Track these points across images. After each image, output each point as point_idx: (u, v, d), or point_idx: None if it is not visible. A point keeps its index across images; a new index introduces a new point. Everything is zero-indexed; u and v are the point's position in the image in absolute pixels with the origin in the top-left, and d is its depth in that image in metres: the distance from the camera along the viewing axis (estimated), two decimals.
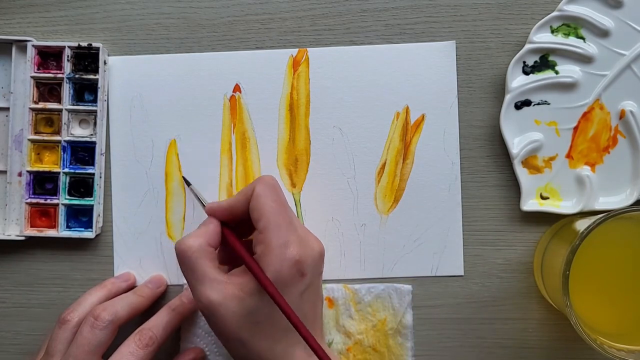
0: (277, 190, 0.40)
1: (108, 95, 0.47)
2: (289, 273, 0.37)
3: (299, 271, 0.37)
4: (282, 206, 0.39)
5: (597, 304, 0.42)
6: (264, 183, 0.39)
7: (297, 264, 0.37)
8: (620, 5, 0.45)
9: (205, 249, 0.39)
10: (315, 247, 0.39)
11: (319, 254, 0.39)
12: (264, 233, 0.37)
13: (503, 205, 0.47)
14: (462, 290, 0.47)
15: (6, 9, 0.47)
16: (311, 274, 0.38)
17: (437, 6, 0.47)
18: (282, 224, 0.38)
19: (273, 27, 0.47)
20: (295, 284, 0.37)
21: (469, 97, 0.47)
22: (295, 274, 0.37)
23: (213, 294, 0.37)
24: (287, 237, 0.37)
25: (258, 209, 0.38)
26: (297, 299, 0.37)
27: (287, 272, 0.37)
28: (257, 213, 0.38)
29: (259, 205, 0.38)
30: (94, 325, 0.40)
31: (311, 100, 0.47)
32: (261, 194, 0.38)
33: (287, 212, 0.39)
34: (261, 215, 0.38)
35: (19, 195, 0.46)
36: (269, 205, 0.38)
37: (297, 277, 0.37)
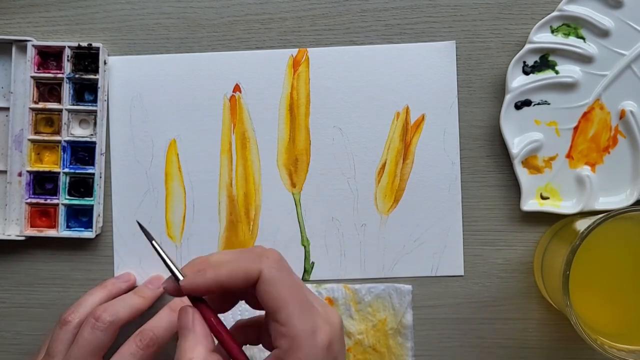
0: (288, 267, 0.34)
1: (108, 95, 0.47)
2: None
3: (330, 355, 0.33)
4: (299, 287, 0.33)
5: (597, 304, 0.42)
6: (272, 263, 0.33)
7: (330, 347, 0.33)
8: (620, 5, 0.45)
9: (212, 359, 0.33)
10: (336, 320, 0.34)
11: (340, 327, 0.35)
12: (286, 325, 0.32)
13: (503, 205, 0.47)
14: (462, 290, 0.47)
15: (6, 9, 0.47)
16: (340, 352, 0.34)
17: (437, 6, 0.47)
18: (305, 310, 0.33)
19: (273, 27, 0.47)
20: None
21: (469, 97, 0.47)
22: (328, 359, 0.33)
23: None
24: (313, 324, 0.33)
25: (274, 298, 0.32)
26: None
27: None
28: (274, 303, 0.32)
29: (274, 294, 0.32)
30: (94, 326, 0.40)
31: (311, 100, 0.47)
32: (275, 279, 0.33)
33: (304, 292, 0.34)
34: (280, 307, 0.32)
35: (19, 195, 0.46)
36: (287, 293, 0.33)
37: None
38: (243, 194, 0.47)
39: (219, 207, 0.47)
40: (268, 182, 0.47)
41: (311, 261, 0.47)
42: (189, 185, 0.47)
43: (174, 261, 0.35)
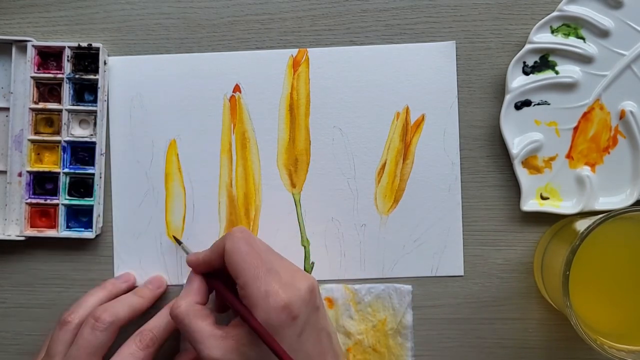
0: (249, 240, 0.39)
1: (108, 96, 0.47)
2: (278, 320, 0.36)
3: (289, 315, 0.37)
4: (256, 256, 0.38)
5: (597, 304, 0.42)
6: (233, 238, 0.39)
7: (285, 308, 0.37)
8: (620, 5, 0.45)
9: (194, 308, 0.39)
10: (302, 285, 0.38)
11: (307, 290, 0.38)
12: (244, 289, 0.37)
13: (503, 205, 0.47)
14: (462, 290, 0.47)
15: (6, 9, 0.47)
16: (304, 314, 0.37)
17: (437, 6, 0.47)
18: (260, 274, 0.37)
19: (273, 27, 0.47)
20: (288, 329, 0.37)
21: (469, 97, 0.47)
22: (285, 319, 0.36)
23: (213, 351, 0.37)
24: (267, 287, 0.37)
25: (233, 265, 0.38)
26: (295, 341, 0.37)
27: (276, 320, 0.36)
28: (233, 270, 0.38)
29: (233, 262, 0.38)
30: (94, 326, 0.40)
31: (311, 100, 0.47)
32: (233, 250, 0.39)
33: (263, 261, 0.38)
34: (237, 272, 0.38)
35: (19, 195, 0.46)
36: (242, 259, 0.38)
37: (288, 321, 0.37)
38: (243, 194, 0.47)
39: (219, 207, 0.47)
40: (268, 182, 0.47)
41: (311, 261, 0.47)
42: (189, 185, 0.47)
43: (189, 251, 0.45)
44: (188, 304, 0.39)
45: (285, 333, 0.37)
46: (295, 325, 0.37)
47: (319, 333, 0.39)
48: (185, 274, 0.47)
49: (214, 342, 0.37)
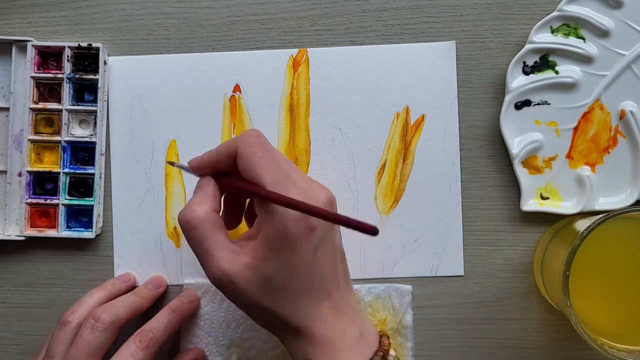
0: (264, 144, 0.37)
1: (108, 96, 0.47)
2: (296, 230, 0.35)
3: (306, 226, 0.35)
4: (273, 162, 0.36)
5: (597, 304, 0.42)
6: (247, 141, 0.36)
7: (303, 218, 0.35)
8: (620, 5, 0.45)
9: (212, 217, 0.36)
10: (321, 196, 0.36)
11: (326, 202, 0.37)
12: None
13: (503, 205, 0.47)
14: (462, 290, 0.47)
15: (6, 9, 0.47)
16: (322, 227, 0.36)
17: (437, 6, 0.47)
18: (278, 181, 0.35)
19: (273, 27, 0.47)
20: (306, 240, 0.35)
21: (469, 97, 0.47)
22: (302, 229, 0.35)
23: (227, 265, 0.35)
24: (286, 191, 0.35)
25: (248, 170, 0.36)
26: (310, 255, 0.35)
27: (293, 229, 0.35)
28: (249, 175, 0.36)
29: (247, 166, 0.36)
30: (94, 326, 0.40)
31: (311, 100, 0.47)
32: (247, 154, 0.36)
33: (281, 167, 0.36)
34: (254, 177, 0.35)
35: (19, 195, 0.46)
36: (259, 165, 0.35)
37: (306, 232, 0.35)
38: None
39: None
40: None
41: None
42: (189, 186, 0.47)
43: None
44: (205, 211, 0.36)
45: (302, 245, 0.35)
46: (312, 237, 0.35)
47: (334, 251, 0.38)
48: (185, 274, 0.47)
49: (228, 255, 0.35)
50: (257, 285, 0.35)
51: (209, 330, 0.46)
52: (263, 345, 0.46)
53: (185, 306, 0.44)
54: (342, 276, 0.39)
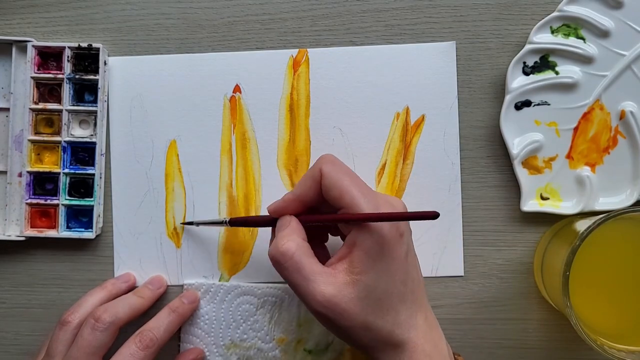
0: (343, 164, 0.39)
1: (108, 96, 0.47)
2: (391, 234, 0.36)
3: (397, 231, 0.36)
4: (356, 177, 0.38)
5: (597, 304, 0.42)
6: (329, 162, 0.38)
7: (394, 224, 0.36)
8: (620, 5, 0.45)
9: (304, 246, 0.37)
10: (399, 204, 0.38)
11: (404, 208, 0.39)
12: (352, 207, 0.36)
13: (503, 205, 0.47)
14: (462, 290, 0.47)
15: (6, 9, 0.47)
16: (407, 232, 0.38)
17: (437, 7, 0.47)
18: (365, 192, 0.37)
19: (273, 28, 0.47)
20: (399, 245, 0.37)
21: (469, 98, 0.47)
22: (395, 234, 0.36)
23: (327, 288, 0.36)
24: (375, 202, 0.37)
25: (336, 186, 0.37)
26: (404, 261, 0.37)
27: (389, 234, 0.36)
28: (336, 190, 0.37)
29: (335, 182, 0.37)
30: (94, 327, 0.40)
31: (311, 100, 0.47)
32: (332, 171, 0.38)
33: (363, 181, 0.39)
34: (342, 191, 0.37)
35: (19, 195, 0.46)
36: (345, 180, 0.37)
37: (397, 237, 0.36)
38: (243, 194, 0.47)
39: (219, 207, 0.47)
40: (268, 182, 0.47)
41: None
42: (189, 186, 0.47)
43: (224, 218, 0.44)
44: (297, 241, 0.37)
45: (397, 251, 0.36)
46: (403, 243, 0.37)
47: (416, 259, 0.39)
48: (185, 274, 0.47)
49: (325, 278, 0.36)
50: (360, 300, 0.36)
51: (208, 330, 0.46)
52: (263, 345, 0.46)
53: (185, 306, 0.44)
54: (423, 283, 0.40)
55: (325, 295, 0.35)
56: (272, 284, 0.47)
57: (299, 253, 0.37)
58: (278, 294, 0.46)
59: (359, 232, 0.36)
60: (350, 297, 0.36)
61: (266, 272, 0.47)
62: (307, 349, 0.47)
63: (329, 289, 0.36)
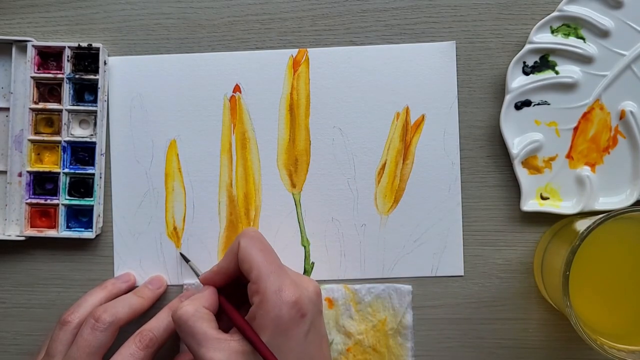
0: (262, 240, 0.41)
1: (108, 96, 0.47)
2: (289, 315, 0.37)
3: (298, 312, 0.37)
4: (270, 254, 0.40)
5: (597, 304, 0.42)
6: (247, 236, 0.40)
7: (296, 304, 0.37)
8: (620, 5, 0.45)
9: (202, 311, 0.39)
10: (310, 286, 0.39)
11: (315, 292, 0.39)
12: (257, 283, 0.38)
13: (503, 205, 0.47)
14: (462, 290, 0.47)
15: (6, 9, 0.47)
16: (311, 313, 0.38)
17: (437, 6, 0.47)
18: (273, 271, 0.38)
19: (273, 27, 0.47)
20: (298, 326, 0.37)
21: (469, 98, 0.47)
22: (295, 315, 0.37)
23: (216, 353, 0.37)
24: (280, 282, 0.38)
25: (247, 260, 0.39)
26: (302, 341, 0.37)
27: (287, 315, 0.37)
28: (247, 264, 0.39)
29: (247, 256, 0.39)
30: (94, 326, 0.40)
31: (311, 100, 0.47)
32: (247, 246, 0.39)
33: (276, 259, 0.40)
34: (251, 266, 0.38)
35: (19, 195, 0.46)
36: (257, 255, 0.39)
37: (297, 318, 0.37)
38: (243, 194, 0.47)
39: (219, 207, 0.47)
40: (268, 182, 0.47)
41: (311, 261, 0.47)
42: (189, 185, 0.47)
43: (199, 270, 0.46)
44: (195, 306, 0.39)
45: (295, 331, 0.37)
46: (304, 323, 0.37)
47: (321, 338, 0.40)
48: (184, 274, 0.47)
49: (217, 344, 0.37)
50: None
51: None
52: None
53: None
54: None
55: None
56: None
57: (194, 318, 0.38)
58: None
59: (258, 308, 0.37)
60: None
61: None
62: None
63: (218, 354, 0.37)
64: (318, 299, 0.40)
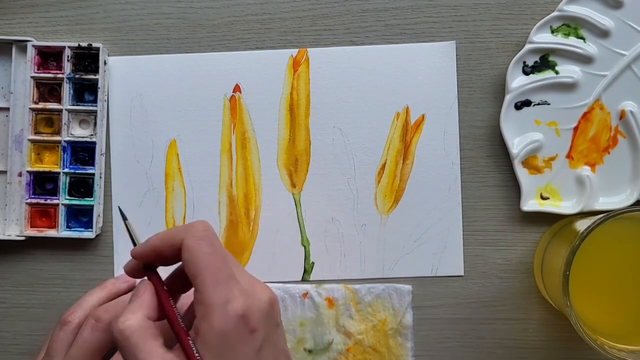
0: (212, 239, 0.35)
1: (108, 96, 0.47)
2: (236, 332, 0.33)
3: (246, 327, 0.33)
4: (219, 258, 0.34)
5: (597, 304, 0.42)
6: (194, 235, 0.35)
7: (243, 318, 0.33)
8: (620, 5, 0.45)
9: (145, 326, 0.34)
10: (263, 296, 0.35)
11: (268, 303, 0.35)
12: (201, 292, 0.33)
13: (503, 205, 0.47)
14: (462, 290, 0.47)
15: (6, 9, 0.47)
16: (263, 328, 0.34)
17: (437, 6, 0.47)
18: (221, 279, 0.33)
19: (273, 27, 0.47)
20: (246, 343, 0.33)
21: (469, 97, 0.47)
22: (242, 331, 0.33)
23: None
24: (227, 293, 0.33)
25: (192, 264, 0.34)
26: (252, 358, 0.33)
27: (233, 331, 0.33)
28: (192, 269, 0.34)
29: (191, 261, 0.34)
30: (94, 326, 0.40)
31: (311, 100, 0.47)
32: (193, 248, 0.34)
33: (226, 264, 0.34)
34: (196, 273, 0.34)
35: (19, 195, 0.46)
36: (203, 261, 0.34)
37: (245, 334, 0.33)
38: (243, 194, 0.47)
39: (219, 207, 0.47)
40: (268, 182, 0.47)
41: (311, 261, 0.47)
42: (189, 185, 0.47)
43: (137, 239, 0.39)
44: (139, 319, 0.34)
45: (242, 348, 0.33)
46: (254, 339, 0.33)
47: (278, 354, 0.35)
48: None
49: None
50: None
51: None
52: None
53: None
54: None
55: None
56: (272, 283, 0.47)
57: (138, 334, 0.33)
58: (278, 293, 0.46)
59: (201, 320, 0.33)
60: None
61: (266, 272, 0.47)
62: (307, 349, 0.47)
63: None
64: (272, 311, 0.35)
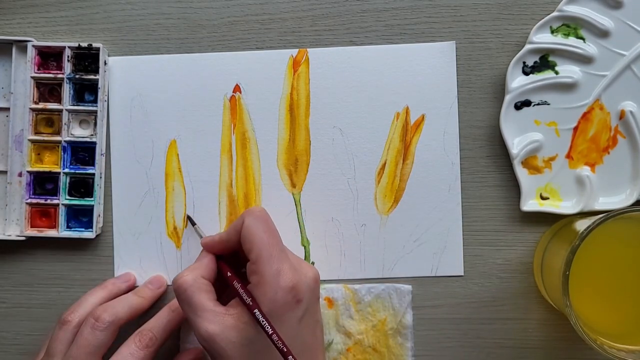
0: (267, 220, 0.40)
1: (108, 96, 0.47)
2: (285, 300, 0.37)
3: (294, 297, 0.38)
4: (273, 236, 0.39)
5: (597, 304, 0.42)
6: (253, 215, 0.40)
7: (292, 290, 0.37)
8: (620, 5, 0.45)
9: (200, 282, 0.39)
10: (309, 273, 0.40)
11: (313, 279, 0.40)
12: (256, 263, 0.38)
13: (503, 205, 0.47)
14: (462, 290, 0.47)
15: (6, 9, 0.47)
16: (307, 300, 0.38)
17: (437, 6, 0.47)
18: (274, 253, 0.38)
19: (273, 27, 0.47)
20: (293, 311, 0.38)
21: (469, 98, 0.47)
22: (290, 300, 0.37)
23: (211, 325, 0.37)
24: (279, 266, 0.38)
25: (249, 240, 0.39)
26: (295, 325, 0.38)
27: (282, 299, 0.37)
28: (249, 244, 0.39)
29: (249, 236, 0.39)
30: (94, 326, 0.40)
31: (311, 100, 0.47)
32: (251, 225, 0.39)
33: (278, 242, 0.39)
34: (252, 246, 0.38)
35: (19, 195, 0.46)
36: (259, 236, 0.39)
37: (293, 303, 0.37)
38: (243, 194, 0.47)
39: (219, 207, 0.47)
40: (268, 182, 0.47)
41: (311, 261, 0.47)
42: (189, 186, 0.47)
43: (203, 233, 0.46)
44: (194, 276, 0.39)
45: (288, 316, 0.37)
46: (298, 309, 0.38)
47: (315, 324, 0.40)
48: None
49: (213, 316, 0.38)
50: (242, 347, 0.37)
51: None
52: None
53: None
54: (320, 347, 0.40)
55: (209, 332, 0.37)
56: None
57: (193, 288, 0.39)
58: None
59: (254, 288, 0.38)
60: (232, 341, 0.37)
61: None
62: None
63: (213, 327, 0.37)
64: (316, 286, 0.40)
